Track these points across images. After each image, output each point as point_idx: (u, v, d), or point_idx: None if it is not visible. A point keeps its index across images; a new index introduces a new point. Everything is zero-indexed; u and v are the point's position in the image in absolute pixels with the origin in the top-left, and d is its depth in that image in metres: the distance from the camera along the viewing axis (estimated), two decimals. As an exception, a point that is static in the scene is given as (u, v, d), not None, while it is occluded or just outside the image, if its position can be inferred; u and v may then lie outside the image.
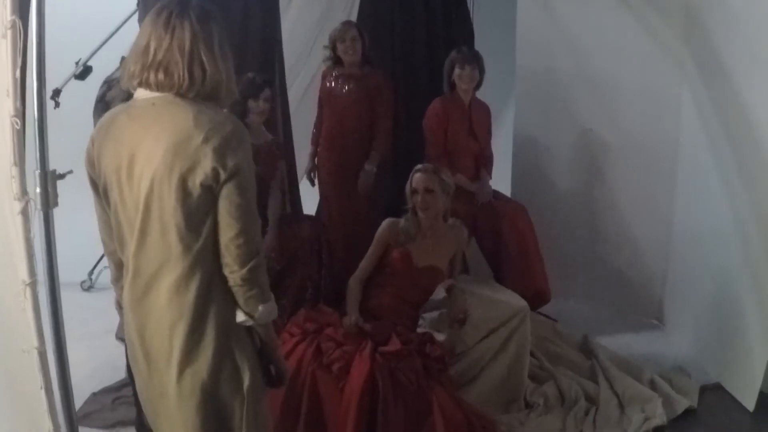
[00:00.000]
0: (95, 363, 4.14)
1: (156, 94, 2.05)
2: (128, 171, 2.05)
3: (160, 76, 2.01)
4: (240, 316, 2.13)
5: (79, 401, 3.72)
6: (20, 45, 2.26)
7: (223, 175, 1.98)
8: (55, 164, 2.41)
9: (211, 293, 2.07)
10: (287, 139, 5.26)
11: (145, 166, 2.01)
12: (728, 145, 4.16)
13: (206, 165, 1.96)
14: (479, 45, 5.30)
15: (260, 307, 2.12)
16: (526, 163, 5.35)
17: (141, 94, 2.08)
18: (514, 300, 3.98)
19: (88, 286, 5.45)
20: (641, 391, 3.88)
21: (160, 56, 2.00)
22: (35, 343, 2.38)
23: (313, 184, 5.07)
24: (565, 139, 5.19)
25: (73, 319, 3.92)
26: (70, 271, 5.07)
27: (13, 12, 2.23)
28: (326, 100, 4.90)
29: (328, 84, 4.87)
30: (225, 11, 4.85)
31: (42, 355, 2.40)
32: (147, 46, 2.02)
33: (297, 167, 5.26)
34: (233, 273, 2.06)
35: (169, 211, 2.01)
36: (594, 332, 4.62)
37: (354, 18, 5.44)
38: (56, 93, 4.81)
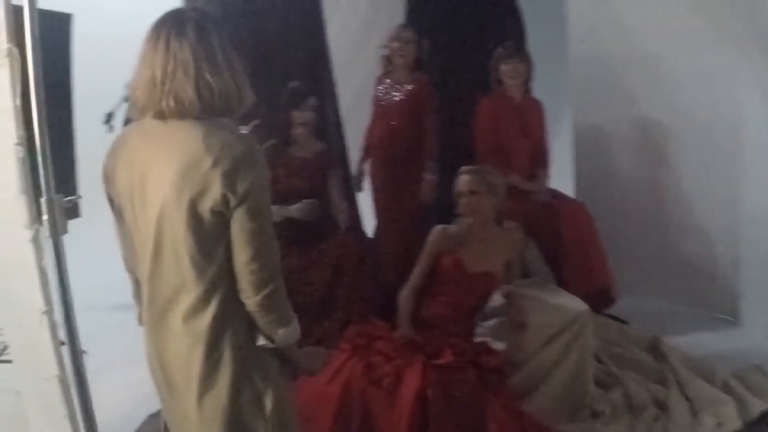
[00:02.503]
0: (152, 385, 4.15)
1: None
2: (141, 193, 2.00)
3: (171, 103, 1.93)
4: (260, 340, 2.07)
5: (136, 423, 3.75)
6: (19, 72, 2.25)
7: (233, 201, 1.91)
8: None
9: (227, 318, 2.02)
10: (341, 147, 5.20)
11: (156, 189, 1.96)
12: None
13: (215, 191, 1.89)
14: (531, 36, 5.15)
15: (280, 331, 2.06)
16: (589, 155, 5.17)
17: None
18: (574, 304, 3.78)
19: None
20: (714, 395, 3.64)
21: (168, 85, 1.92)
22: (55, 371, 2.37)
23: (359, 190, 4.97)
24: (625, 127, 5.00)
25: (123, 341, 3.94)
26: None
27: (9, 40, 2.22)
28: (376, 108, 4.82)
29: (378, 93, 4.79)
30: (265, 20, 4.89)
31: (62, 382, 2.40)
32: (153, 77, 1.94)
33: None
34: (248, 299, 2.00)
35: (180, 237, 1.95)
36: (665, 331, 4.38)
37: (402, 18, 5.34)
38: (109, 117, 4.85)
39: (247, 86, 2.04)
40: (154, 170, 1.96)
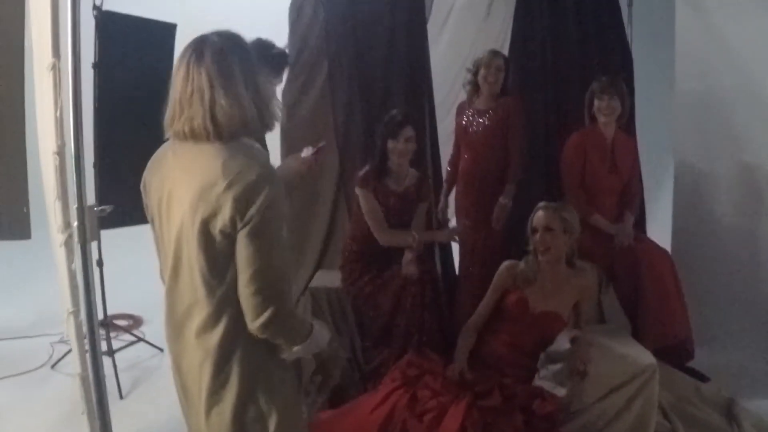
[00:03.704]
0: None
1: None
2: (167, 208, 2.08)
3: (187, 127, 1.99)
4: (283, 353, 2.13)
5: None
6: (59, 86, 2.36)
7: (239, 224, 1.94)
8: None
9: (237, 337, 2.05)
10: (436, 177, 5.15)
11: (178, 206, 2.03)
12: None
13: (226, 213, 1.93)
14: (638, 69, 4.94)
15: (294, 348, 2.10)
16: (688, 197, 4.87)
17: None
18: (641, 356, 3.60)
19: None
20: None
21: (186, 108, 1.98)
22: (78, 369, 2.48)
23: (445, 224, 4.90)
24: (727, 170, 4.71)
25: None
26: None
27: (54, 54, 2.33)
28: (461, 137, 4.74)
29: (462, 121, 4.70)
30: (368, 44, 4.91)
31: (84, 380, 2.50)
32: (176, 100, 2.00)
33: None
34: (249, 323, 2.01)
35: (193, 255, 2.00)
36: (749, 391, 4.10)
37: (506, 47, 5.23)
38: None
39: (272, 108, 2.08)
40: (178, 188, 2.03)
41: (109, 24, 4.34)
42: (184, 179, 2.00)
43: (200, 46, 2.00)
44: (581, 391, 3.51)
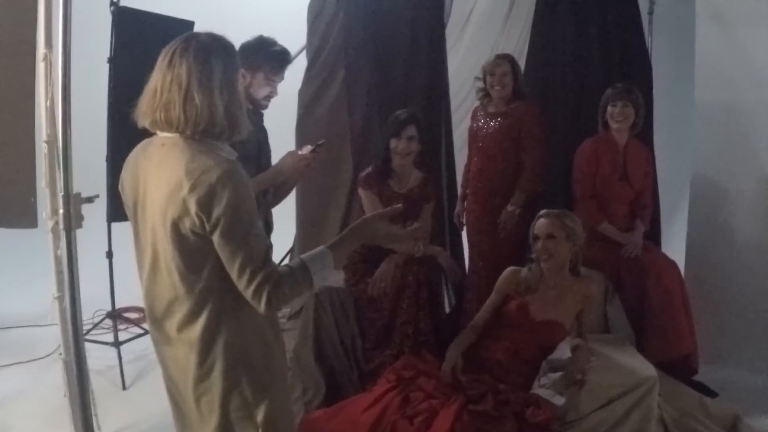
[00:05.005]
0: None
1: (166, 134, 2.07)
2: (142, 208, 2.12)
3: (162, 115, 2.02)
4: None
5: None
6: (50, 76, 2.40)
7: (207, 226, 1.96)
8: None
9: (218, 329, 2.09)
10: (450, 181, 5.12)
11: (150, 207, 2.07)
12: None
13: (193, 214, 1.96)
14: (657, 79, 4.88)
15: (314, 287, 2.15)
16: (705, 210, 4.80)
17: (158, 133, 2.11)
18: (642, 367, 3.55)
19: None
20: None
21: (164, 97, 2.01)
22: (62, 353, 2.51)
23: (461, 228, 4.87)
24: (745, 183, 4.62)
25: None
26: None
27: (46, 45, 2.37)
28: (472, 141, 4.68)
29: (474, 124, 4.65)
30: (386, 48, 4.91)
31: (67, 365, 2.53)
32: (155, 88, 2.03)
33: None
34: (258, 310, 2.03)
35: (169, 254, 2.04)
36: (757, 408, 4.00)
37: (524, 53, 5.20)
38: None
39: (241, 117, 2.10)
40: (150, 189, 2.07)
41: (125, 20, 4.40)
42: (155, 181, 2.05)
43: (188, 41, 2.05)
44: (578, 401, 3.45)
